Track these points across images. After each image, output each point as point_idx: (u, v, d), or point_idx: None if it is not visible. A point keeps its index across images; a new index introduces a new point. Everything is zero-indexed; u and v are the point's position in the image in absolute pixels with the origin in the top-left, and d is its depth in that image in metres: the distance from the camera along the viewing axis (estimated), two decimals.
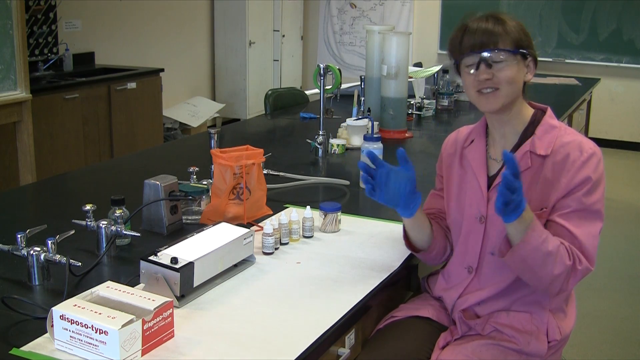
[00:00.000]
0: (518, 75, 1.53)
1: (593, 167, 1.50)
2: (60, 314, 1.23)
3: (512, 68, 1.52)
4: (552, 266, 1.43)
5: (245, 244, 1.61)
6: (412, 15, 7.59)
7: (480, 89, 1.54)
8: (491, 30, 1.51)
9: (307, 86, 7.80)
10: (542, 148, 1.54)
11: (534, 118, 1.59)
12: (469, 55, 1.53)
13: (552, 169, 1.52)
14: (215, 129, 2.39)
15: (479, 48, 1.52)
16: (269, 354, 1.25)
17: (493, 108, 1.55)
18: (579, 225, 1.48)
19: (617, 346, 3.10)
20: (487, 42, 1.51)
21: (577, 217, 1.49)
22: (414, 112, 3.50)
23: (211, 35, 7.18)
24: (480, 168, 1.62)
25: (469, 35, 1.53)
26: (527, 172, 1.54)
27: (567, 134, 1.56)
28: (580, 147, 1.51)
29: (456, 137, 1.73)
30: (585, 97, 4.66)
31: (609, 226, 4.50)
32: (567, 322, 1.62)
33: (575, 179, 1.49)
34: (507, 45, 1.51)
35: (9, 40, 3.84)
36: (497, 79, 1.52)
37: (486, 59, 1.51)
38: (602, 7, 6.69)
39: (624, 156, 6.80)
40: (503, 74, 1.52)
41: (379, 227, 1.91)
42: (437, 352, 1.58)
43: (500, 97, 1.53)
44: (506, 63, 1.52)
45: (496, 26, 1.52)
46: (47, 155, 4.48)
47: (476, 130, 1.68)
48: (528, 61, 1.56)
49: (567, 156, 1.51)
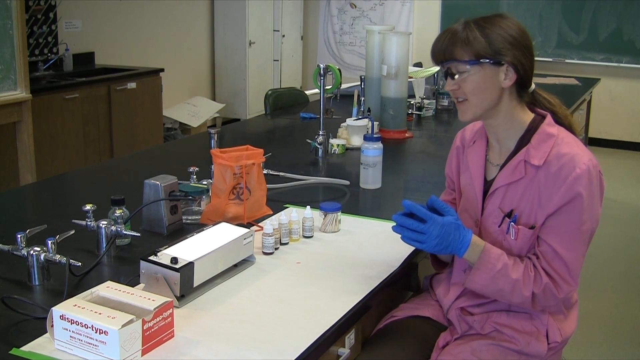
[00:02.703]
0: (486, 84, 1.50)
1: (585, 184, 1.46)
2: (60, 314, 1.23)
3: (476, 77, 1.50)
4: (510, 297, 1.51)
5: (245, 244, 1.61)
6: (412, 15, 7.59)
7: (455, 97, 1.55)
8: (448, 42, 1.50)
9: (307, 86, 7.80)
10: (537, 158, 1.51)
11: (532, 125, 1.56)
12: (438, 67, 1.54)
13: (545, 181, 1.49)
14: (215, 129, 2.39)
15: (438, 61, 1.54)
16: (269, 354, 1.25)
17: (465, 118, 1.56)
18: (568, 248, 1.48)
19: (617, 346, 3.10)
20: (443, 54, 1.52)
21: (566, 239, 1.48)
22: (414, 112, 3.50)
23: (211, 35, 7.18)
24: (477, 172, 1.62)
25: (433, 48, 1.55)
26: (521, 181, 1.53)
27: (564, 143, 1.51)
28: (574, 161, 1.47)
29: (463, 134, 1.73)
30: (585, 97, 4.66)
31: (609, 226, 4.52)
32: (567, 324, 1.62)
33: (566, 196, 1.46)
34: (464, 56, 1.49)
35: (9, 40, 3.84)
36: (463, 90, 1.52)
37: (448, 71, 1.53)
38: (602, 7, 6.69)
39: (624, 156, 6.80)
40: (466, 85, 1.51)
41: (379, 227, 1.91)
42: (437, 352, 1.58)
43: (470, 107, 1.53)
44: (468, 73, 1.50)
45: (454, 38, 1.50)
46: (47, 155, 4.48)
47: (479, 131, 1.68)
48: (504, 67, 1.50)
49: (560, 169, 1.47)
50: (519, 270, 1.48)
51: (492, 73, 1.50)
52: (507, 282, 1.48)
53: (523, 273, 1.48)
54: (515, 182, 1.53)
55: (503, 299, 1.53)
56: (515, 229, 1.52)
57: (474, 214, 1.61)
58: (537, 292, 1.48)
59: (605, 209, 1.54)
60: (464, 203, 1.65)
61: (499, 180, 1.56)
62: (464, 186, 1.66)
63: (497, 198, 1.56)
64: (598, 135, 6.94)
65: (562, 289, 1.48)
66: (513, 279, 1.47)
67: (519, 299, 1.49)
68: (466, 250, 1.49)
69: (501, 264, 1.48)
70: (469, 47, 1.49)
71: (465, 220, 1.63)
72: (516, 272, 1.48)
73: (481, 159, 1.63)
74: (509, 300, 1.51)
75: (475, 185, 1.61)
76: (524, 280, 1.48)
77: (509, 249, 1.54)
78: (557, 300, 1.51)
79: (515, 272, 1.48)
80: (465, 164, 1.67)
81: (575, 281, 1.50)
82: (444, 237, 1.46)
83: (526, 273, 1.48)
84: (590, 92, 5.03)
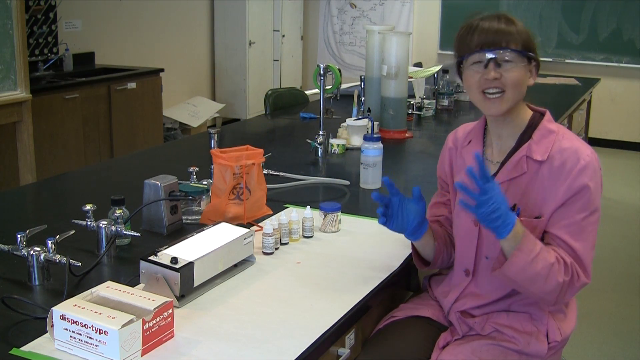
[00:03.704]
0: (524, 79, 1.52)
1: (590, 175, 1.47)
2: (60, 314, 1.23)
3: (520, 70, 1.50)
4: (543, 284, 1.43)
5: (245, 244, 1.61)
6: (412, 15, 7.58)
7: (486, 89, 1.51)
8: (504, 30, 1.49)
9: (307, 86, 7.80)
10: (539, 153, 1.51)
11: (532, 121, 1.57)
12: (479, 52, 1.49)
13: (549, 176, 1.50)
14: (215, 129, 2.39)
15: (489, 46, 1.49)
16: (269, 354, 1.25)
17: (498, 112, 1.52)
18: (578, 239, 1.47)
19: (617, 346, 3.10)
20: (499, 40, 1.48)
21: (575, 230, 1.48)
22: (414, 112, 3.50)
23: (211, 35, 7.18)
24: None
25: (481, 32, 1.50)
26: (523, 177, 1.53)
27: (565, 138, 1.53)
28: (578, 154, 1.49)
29: (455, 136, 1.73)
30: (585, 97, 4.66)
31: (609, 226, 4.52)
32: (567, 323, 1.62)
33: (573, 188, 1.46)
34: (517, 46, 1.49)
35: (9, 40, 3.84)
36: (505, 80, 1.49)
37: (495, 58, 1.49)
38: (602, 7, 6.69)
39: (624, 156, 6.80)
40: (511, 75, 1.49)
41: (379, 227, 1.89)
42: (437, 352, 1.58)
43: (505, 100, 1.51)
44: (514, 64, 1.49)
45: (508, 26, 1.50)
46: (47, 155, 4.48)
47: (474, 130, 1.67)
48: (532, 66, 1.54)
49: (564, 163, 1.48)
50: (553, 255, 1.45)
51: (526, 69, 1.52)
52: (545, 266, 1.42)
53: (557, 258, 1.45)
54: (516, 177, 1.53)
55: (533, 288, 1.45)
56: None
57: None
58: (567, 280, 1.45)
59: (605, 208, 1.54)
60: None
61: (500, 176, 1.56)
62: None
63: None
64: (598, 135, 6.94)
65: (580, 279, 1.47)
66: (550, 262, 1.43)
67: (551, 285, 1.44)
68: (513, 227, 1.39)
69: (539, 246, 1.44)
70: (521, 38, 1.50)
71: (464, 219, 1.62)
72: (552, 256, 1.44)
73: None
74: (541, 287, 1.44)
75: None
76: (559, 264, 1.44)
77: None
78: (575, 292, 1.49)
79: (552, 256, 1.44)
80: (461, 164, 1.66)
81: (588, 273, 1.48)
82: (502, 202, 1.38)
83: (559, 259, 1.45)
84: (590, 92, 5.03)
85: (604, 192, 1.55)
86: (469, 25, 1.53)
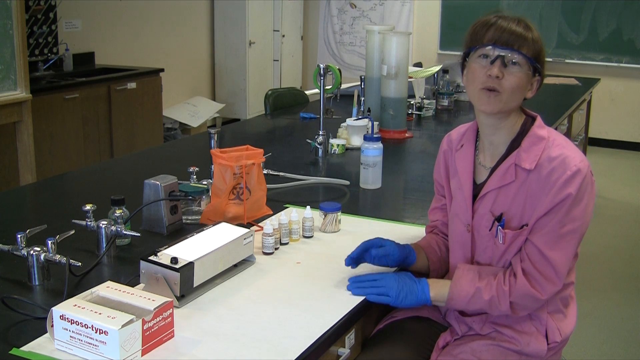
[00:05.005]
0: (524, 87, 1.50)
1: (576, 185, 1.45)
2: (60, 314, 1.23)
3: (523, 77, 1.49)
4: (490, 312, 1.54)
5: (245, 244, 1.61)
6: (412, 15, 7.58)
7: (485, 85, 1.49)
8: (520, 33, 1.48)
9: (307, 86, 7.80)
10: (527, 162, 1.50)
11: (523, 128, 1.56)
12: (489, 47, 1.48)
13: (536, 185, 1.49)
14: (215, 129, 2.39)
15: (502, 44, 1.48)
16: (269, 354, 1.25)
17: (491, 110, 1.51)
18: (554, 248, 1.48)
19: (617, 346, 3.10)
20: (513, 42, 1.47)
21: (553, 239, 1.48)
22: (414, 112, 3.50)
23: (211, 35, 7.18)
24: (466, 176, 1.61)
25: (497, 29, 1.49)
26: (511, 185, 1.52)
27: (555, 146, 1.51)
28: (565, 163, 1.47)
29: (449, 138, 1.72)
30: (585, 97, 4.66)
31: (609, 226, 4.53)
32: (567, 324, 1.62)
33: (557, 198, 1.46)
34: (528, 53, 1.48)
35: (9, 40, 3.84)
36: (505, 82, 1.48)
37: (504, 57, 1.48)
38: (602, 7, 6.70)
39: (624, 156, 6.80)
40: (512, 79, 1.48)
41: (379, 227, 1.91)
42: (437, 352, 1.59)
43: (499, 100, 1.49)
44: (520, 69, 1.48)
45: (526, 31, 1.49)
46: (47, 155, 4.48)
47: (467, 134, 1.66)
48: (534, 79, 1.52)
49: (551, 173, 1.47)
50: (491, 290, 1.50)
51: (528, 79, 1.51)
52: (482, 304, 1.51)
53: (496, 290, 1.50)
54: (506, 185, 1.53)
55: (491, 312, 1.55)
56: (502, 233, 1.52)
57: (464, 219, 1.60)
58: (515, 301, 1.50)
59: (605, 208, 1.54)
60: (455, 208, 1.64)
61: (489, 183, 1.55)
62: (454, 190, 1.65)
63: (488, 201, 1.56)
64: (598, 135, 6.94)
65: (545, 290, 1.49)
66: (486, 300, 1.50)
67: (498, 312, 1.53)
68: (429, 291, 1.54)
69: (473, 289, 1.51)
70: (534, 47, 1.49)
71: (457, 224, 1.62)
72: (488, 292, 1.50)
73: (470, 163, 1.62)
74: (492, 313, 1.55)
75: (464, 189, 1.61)
76: (498, 296, 1.50)
77: (499, 253, 1.55)
78: (540, 302, 1.52)
79: (487, 293, 1.50)
80: (454, 167, 1.66)
81: (560, 281, 1.50)
82: (402, 285, 1.54)
83: (499, 289, 1.50)
84: (590, 92, 5.03)
85: (604, 192, 1.54)
86: (486, 20, 1.52)
